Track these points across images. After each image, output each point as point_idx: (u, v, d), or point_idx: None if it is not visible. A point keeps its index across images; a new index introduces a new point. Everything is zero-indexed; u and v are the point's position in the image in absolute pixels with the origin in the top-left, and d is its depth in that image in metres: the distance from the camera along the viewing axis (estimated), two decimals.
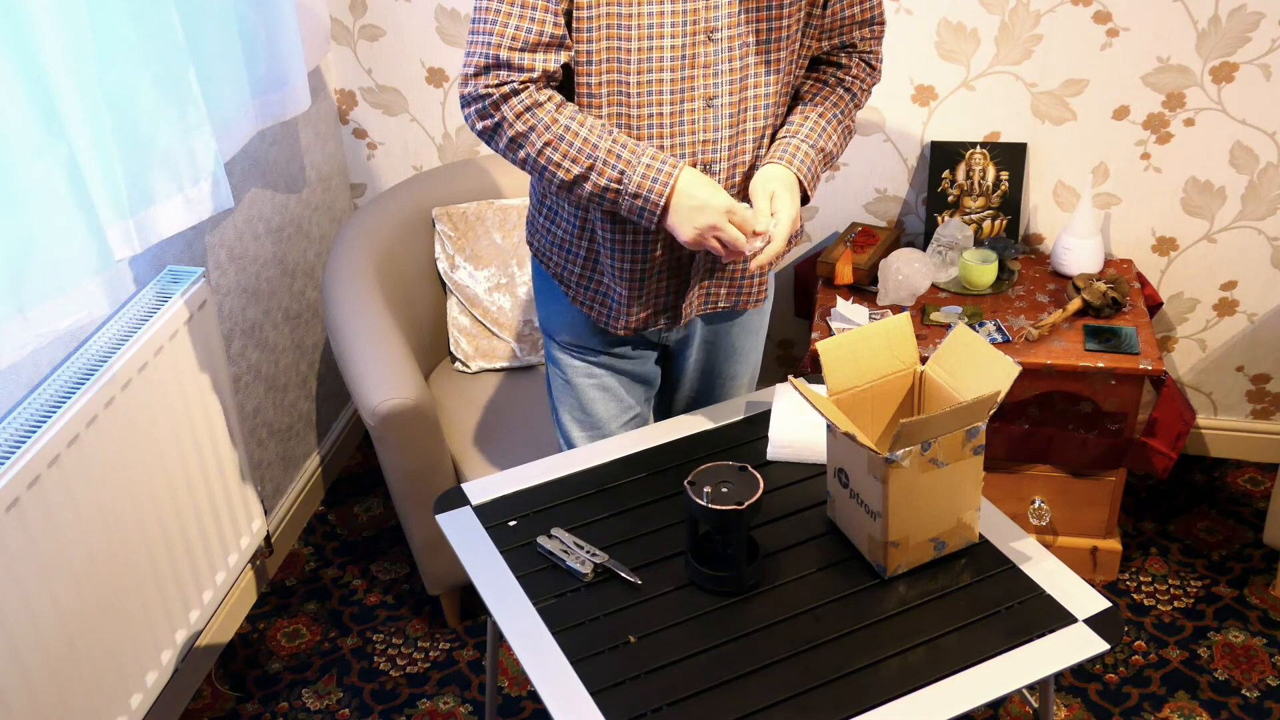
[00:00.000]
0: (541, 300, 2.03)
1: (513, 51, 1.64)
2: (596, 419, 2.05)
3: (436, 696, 2.49)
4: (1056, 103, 2.71)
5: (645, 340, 2.02)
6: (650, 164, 1.68)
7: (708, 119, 1.74)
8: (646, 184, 1.68)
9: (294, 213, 2.85)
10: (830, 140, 1.83)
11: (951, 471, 1.63)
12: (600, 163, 1.68)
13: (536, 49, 1.64)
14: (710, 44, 1.69)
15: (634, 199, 1.69)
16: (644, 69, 1.68)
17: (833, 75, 1.87)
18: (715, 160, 1.77)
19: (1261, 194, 2.72)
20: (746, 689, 1.52)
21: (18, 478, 1.78)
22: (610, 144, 1.68)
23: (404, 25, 2.89)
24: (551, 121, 1.67)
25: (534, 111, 1.67)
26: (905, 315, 1.77)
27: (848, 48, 1.86)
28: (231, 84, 2.29)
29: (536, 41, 1.64)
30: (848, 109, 1.87)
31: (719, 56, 1.70)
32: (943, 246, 2.75)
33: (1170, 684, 2.45)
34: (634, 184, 1.68)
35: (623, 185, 1.69)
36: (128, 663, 2.09)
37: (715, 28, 1.68)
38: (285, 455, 2.88)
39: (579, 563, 1.71)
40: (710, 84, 1.72)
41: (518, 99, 1.66)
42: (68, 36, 1.80)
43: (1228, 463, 3.06)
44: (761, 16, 1.70)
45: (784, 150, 1.79)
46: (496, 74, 1.65)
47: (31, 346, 1.82)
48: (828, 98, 1.85)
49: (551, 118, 1.67)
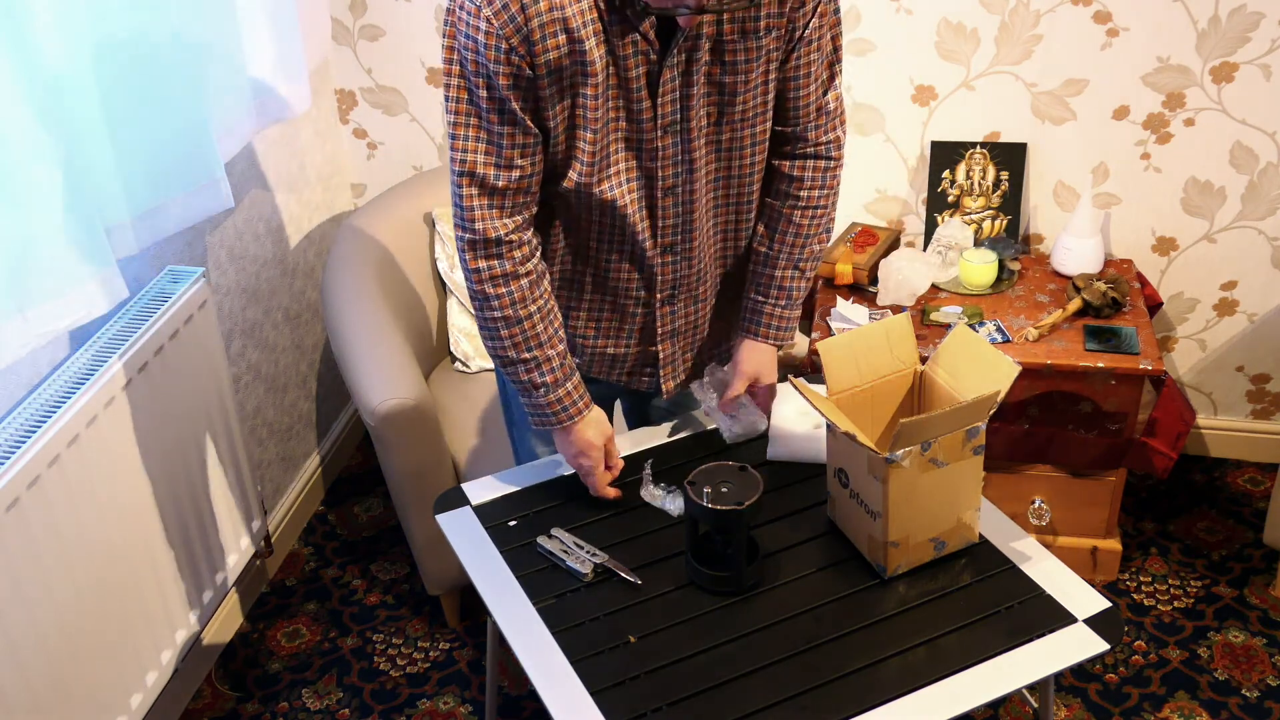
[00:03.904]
0: None
1: (497, 227, 1.67)
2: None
3: (436, 696, 2.49)
4: (1056, 103, 2.71)
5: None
6: (570, 392, 1.78)
7: (667, 207, 1.74)
8: (559, 406, 1.78)
9: (294, 213, 2.85)
10: (801, 289, 1.89)
11: (951, 471, 1.63)
12: (533, 364, 1.75)
13: (517, 217, 1.68)
14: (668, 136, 1.68)
15: (546, 406, 1.78)
16: (601, 166, 1.68)
17: (789, 204, 1.84)
18: (675, 243, 1.78)
19: (1261, 194, 2.72)
20: (746, 689, 1.52)
21: (18, 478, 1.78)
22: (554, 352, 1.76)
23: (404, 25, 2.89)
24: (520, 299, 1.71)
25: (508, 280, 1.70)
26: (905, 315, 1.77)
27: (801, 141, 1.80)
28: (232, 84, 2.29)
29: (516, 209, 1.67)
30: (810, 238, 1.86)
31: (678, 149, 1.69)
32: (943, 246, 2.75)
33: (1170, 684, 2.45)
34: (554, 396, 1.77)
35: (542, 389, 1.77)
36: (128, 663, 2.09)
37: (673, 120, 1.67)
38: (285, 455, 2.88)
39: (579, 563, 1.71)
40: (670, 174, 1.71)
41: (499, 267, 1.70)
42: (68, 36, 1.80)
43: (1228, 463, 3.06)
44: (714, 101, 1.69)
45: (760, 322, 1.89)
46: (485, 252, 1.69)
47: (31, 346, 1.82)
48: (790, 245, 1.86)
49: (522, 294, 1.71)
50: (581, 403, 1.78)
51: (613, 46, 1.58)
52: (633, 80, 1.62)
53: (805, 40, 1.70)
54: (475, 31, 1.53)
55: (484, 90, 1.58)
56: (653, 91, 1.63)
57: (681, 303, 1.86)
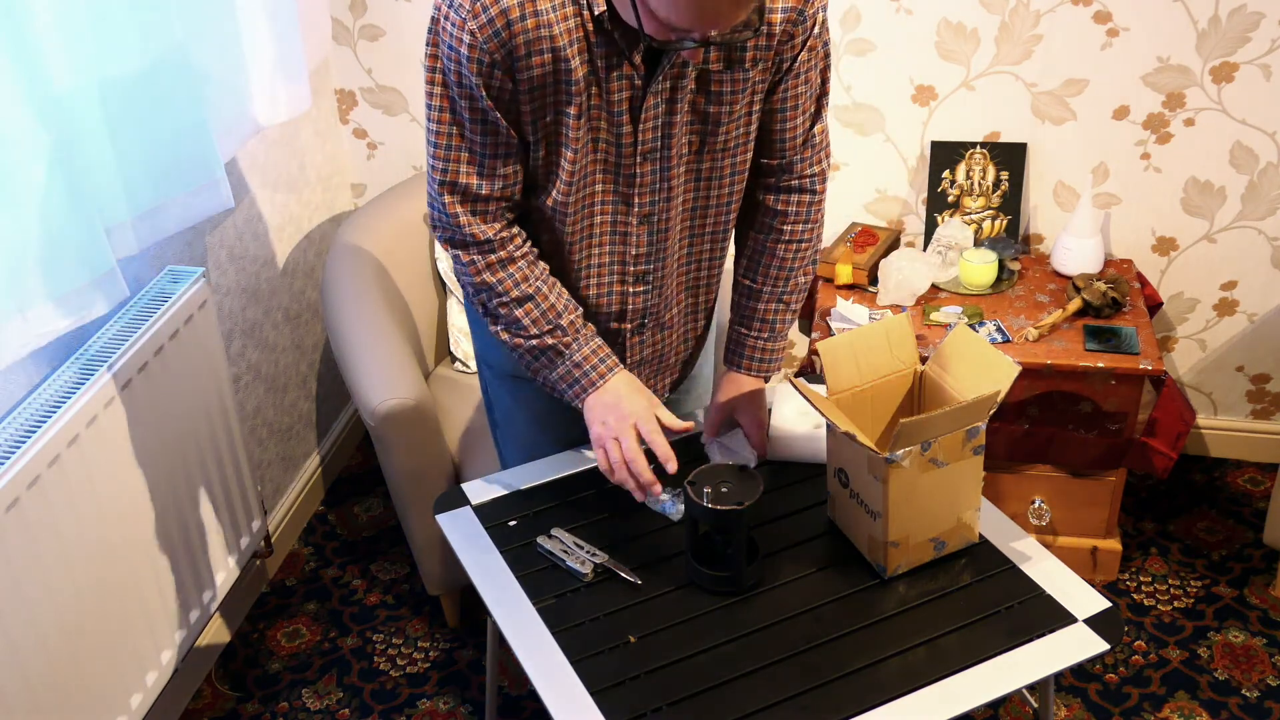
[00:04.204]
0: (476, 332, 1.97)
1: (480, 227, 1.66)
2: (546, 444, 1.99)
3: (436, 696, 2.49)
4: (1056, 103, 2.71)
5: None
6: (598, 349, 1.73)
7: (641, 235, 1.73)
8: (594, 359, 1.72)
9: (294, 213, 2.85)
10: (786, 321, 1.88)
11: (951, 471, 1.63)
12: (559, 329, 1.71)
13: (501, 220, 1.66)
14: (648, 163, 1.67)
15: (574, 368, 1.72)
16: (579, 186, 1.67)
17: (773, 237, 1.83)
18: (648, 271, 1.77)
19: (1261, 194, 2.72)
20: (746, 689, 1.52)
21: (18, 478, 1.78)
22: (572, 317, 1.72)
23: (404, 25, 2.89)
24: (524, 278, 1.69)
25: (506, 265, 1.68)
26: (905, 315, 1.77)
27: (786, 173, 1.79)
28: (232, 84, 2.29)
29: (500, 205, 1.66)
30: (795, 272, 1.85)
31: (656, 176, 1.68)
32: (943, 246, 2.75)
33: (1170, 684, 2.45)
34: (580, 355, 1.72)
35: (569, 352, 1.72)
36: (128, 663, 2.09)
37: (654, 148, 1.66)
38: (285, 455, 2.88)
39: (579, 563, 1.71)
40: (647, 201, 1.70)
41: (494, 256, 1.68)
42: (68, 36, 1.80)
43: (1228, 463, 3.06)
44: (696, 130, 1.67)
45: (742, 354, 1.87)
46: (478, 249, 1.67)
47: (31, 346, 1.82)
48: (774, 279, 1.85)
49: (524, 274, 1.69)
50: (611, 359, 1.74)
51: (596, 69, 1.57)
52: (615, 104, 1.60)
53: (794, 73, 1.68)
54: (459, 44, 1.52)
55: (465, 101, 1.57)
56: (635, 117, 1.62)
57: (649, 331, 1.85)
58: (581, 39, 1.54)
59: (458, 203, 1.64)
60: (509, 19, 1.50)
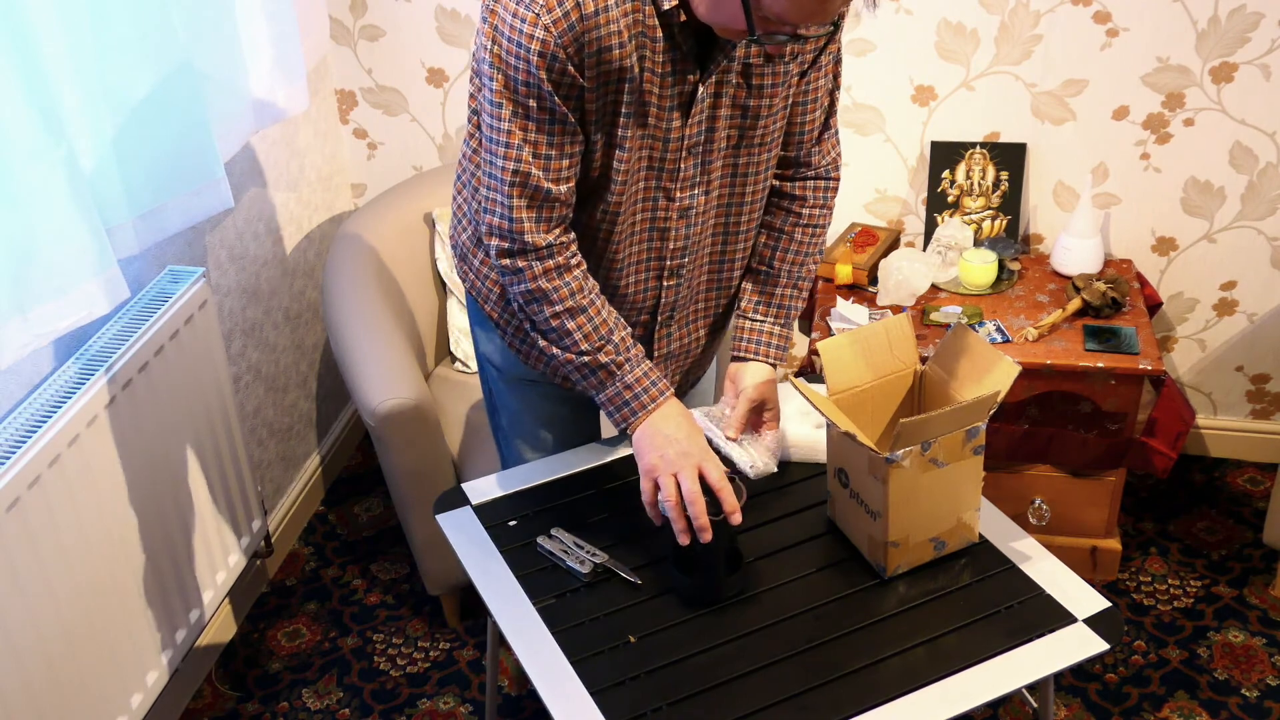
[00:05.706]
0: (480, 334, 1.96)
1: (535, 234, 1.63)
2: (550, 445, 2.00)
3: (436, 696, 2.49)
4: (1056, 103, 2.71)
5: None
6: (649, 371, 1.70)
7: (680, 229, 1.74)
8: (645, 382, 1.69)
9: (294, 213, 2.85)
10: (796, 309, 1.88)
11: (951, 471, 1.63)
12: (611, 346, 1.68)
13: (560, 227, 1.64)
14: (690, 157, 1.67)
15: (625, 390, 1.69)
16: (620, 189, 1.67)
17: (791, 220, 1.84)
18: (681, 265, 1.77)
19: (1261, 194, 2.72)
20: (746, 689, 1.52)
21: (18, 478, 1.78)
22: (623, 334, 1.70)
23: (404, 25, 2.89)
24: (578, 289, 1.67)
25: (562, 272, 1.66)
26: (905, 315, 1.77)
27: (804, 165, 1.82)
28: (231, 84, 2.29)
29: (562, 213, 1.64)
30: (809, 256, 1.87)
31: (697, 170, 1.69)
32: (943, 246, 2.75)
33: (1170, 684, 2.45)
34: (632, 377, 1.69)
35: (620, 373, 1.69)
36: (128, 662, 2.09)
37: (697, 142, 1.66)
38: (285, 455, 2.88)
39: (579, 563, 1.71)
40: (687, 195, 1.70)
41: (550, 262, 1.65)
42: (68, 36, 1.80)
43: (1228, 463, 3.06)
44: (737, 124, 1.68)
45: (761, 341, 1.86)
46: (536, 255, 1.64)
47: (31, 346, 1.82)
48: (791, 262, 1.86)
49: (579, 284, 1.67)
50: (663, 383, 1.72)
51: (655, 64, 1.57)
52: (670, 98, 1.60)
53: (817, 66, 1.72)
54: (530, 40, 1.49)
55: (534, 101, 1.54)
56: (685, 111, 1.63)
57: (675, 325, 1.86)
58: (639, 34, 1.54)
59: (525, 206, 1.61)
60: (583, 13, 1.49)
